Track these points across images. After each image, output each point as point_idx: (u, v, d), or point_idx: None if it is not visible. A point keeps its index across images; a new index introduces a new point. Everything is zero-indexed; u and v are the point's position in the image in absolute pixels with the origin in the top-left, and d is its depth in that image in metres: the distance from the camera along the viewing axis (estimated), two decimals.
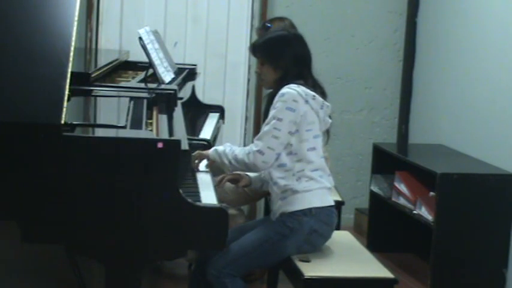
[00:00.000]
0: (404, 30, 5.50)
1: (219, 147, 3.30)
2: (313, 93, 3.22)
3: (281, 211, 3.21)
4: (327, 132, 3.39)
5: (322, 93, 3.30)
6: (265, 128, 3.18)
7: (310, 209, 3.17)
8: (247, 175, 3.43)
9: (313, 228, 3.19)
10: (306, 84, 3.24)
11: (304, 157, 3.18)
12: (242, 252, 3.15)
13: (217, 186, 3.36)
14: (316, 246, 3.24)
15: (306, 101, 3.18)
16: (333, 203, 3.28)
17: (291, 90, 3.17)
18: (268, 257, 3.23)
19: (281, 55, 3.28)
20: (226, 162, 3.25)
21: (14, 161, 2.62)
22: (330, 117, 3.32)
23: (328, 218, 3.24)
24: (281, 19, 4.47)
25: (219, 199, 3.00)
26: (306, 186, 3.18)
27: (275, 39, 3.36)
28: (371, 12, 5.49)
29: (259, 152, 3.16)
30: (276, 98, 3.19)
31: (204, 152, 3.37)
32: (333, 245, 3.31)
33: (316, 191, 3.20)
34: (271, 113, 3.19)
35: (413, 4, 5.42)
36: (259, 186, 3.46)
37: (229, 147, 3.27)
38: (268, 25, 4.38)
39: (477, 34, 4.71)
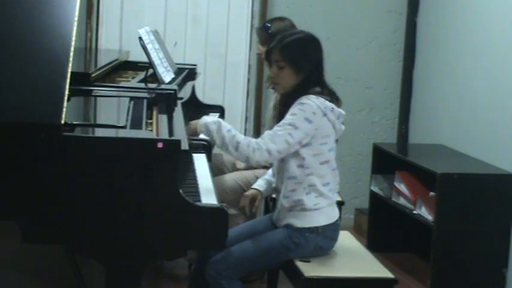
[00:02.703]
0: (404, 30, 5.50)
1: (217, 123, 3.12)
2: (331, 104, 3.13)
3: (287, 222, 3.17)
4: None
5: (337, 100, 3.20)
6: (279, 132, 3.06)
7: (317, 227, 3.14)
8: (259, 190, 3.38)
9: (318, 245, 3.17)
10: (322, 93, 3.14)
11: (316, 171, 3.12)
12: (244, 259, 3.13)
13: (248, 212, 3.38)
14: (318, 257, 3.21)
15: (325, 114, 3.10)
16: (338, 217, 3.24)
17: (311, 102, 3.08)
18: (270, 264, 3.25)
19: (307, 59, 3.16)
20: (219, 142, 3.09)
21: (14, 161, 2.62)
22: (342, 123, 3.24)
23: (334, 233, 3.22)
24: (281, 19, 4.45)
25: (219, 199, 3.00)
26: (315, 203, 3.12)
27: (302, 40, 3.21)
28: (371, 12, 5.49)
29: (269, 152, 3.04)
30: (296, 105, 3.09)
31: (194, 122, 3.22)
32: None
33: (325, 209, 3.16)
34: (288, 118, 3.08)
35: (413, 4, 5.42)
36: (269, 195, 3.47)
37: (228, 129, 3.09)
38: (268, 25, 4.37)
39: (477, 34, 4.71)
